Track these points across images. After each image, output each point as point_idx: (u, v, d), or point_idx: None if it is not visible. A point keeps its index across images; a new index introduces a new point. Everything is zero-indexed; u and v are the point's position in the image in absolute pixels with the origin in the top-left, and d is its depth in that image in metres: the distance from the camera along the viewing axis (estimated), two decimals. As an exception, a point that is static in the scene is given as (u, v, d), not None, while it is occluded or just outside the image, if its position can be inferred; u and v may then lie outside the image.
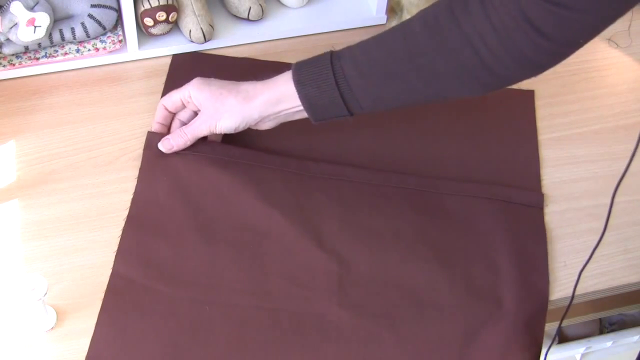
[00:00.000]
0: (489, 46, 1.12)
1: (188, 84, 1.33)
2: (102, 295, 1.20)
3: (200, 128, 1.32)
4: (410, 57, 1.18)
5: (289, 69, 1.27)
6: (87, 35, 1.45)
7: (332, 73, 1.22)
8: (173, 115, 1.37)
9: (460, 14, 1.13)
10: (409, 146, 1.38)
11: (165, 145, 1.34)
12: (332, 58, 1.23)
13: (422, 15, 1.19)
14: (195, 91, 1.31)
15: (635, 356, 1.37)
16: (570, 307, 1.22)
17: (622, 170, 1.18)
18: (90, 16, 1.44)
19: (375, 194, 1.33)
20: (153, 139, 1.36)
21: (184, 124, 1.35)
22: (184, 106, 1.35)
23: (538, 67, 1.15)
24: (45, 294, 1.10)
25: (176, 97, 1.33)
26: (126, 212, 1.29)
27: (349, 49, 1.24)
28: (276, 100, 1.27)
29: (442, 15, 1.15)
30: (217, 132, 1.32)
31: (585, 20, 1.07)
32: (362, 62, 1.21)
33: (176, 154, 1.34)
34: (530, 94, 1.51)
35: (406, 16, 1.54)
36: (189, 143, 1.33)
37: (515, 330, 1.21)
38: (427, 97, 1.22)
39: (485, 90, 1.19)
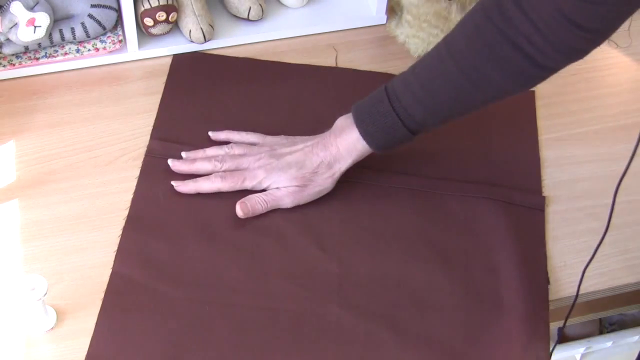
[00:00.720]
0: (536, 45, 1.16)
1: (259, 171, 1.32)
2: (102, 295, 1.20)
3: (284, 202, 1.31)
4: (464, 75, 1.21)
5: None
6: (87, 35, 1.45)
7: (391, 109, 1.25)
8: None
9: (500, 22, 1.17)
10: (409, 146, 1.38)
11: (244, 210, 1.30)
12: (387, 92, 1.26)
13: (462, 30, 1.23)
14: (271, 181, 1.31)
15: (635, 356, 1.37)
16: (574, 306, 1.22)
17: (622, 170, 1.18)
18: (90, 16, 1.44)
19: (375, 194, 1.33)
20: (154, 144, 1.37)
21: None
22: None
23: (582, 52, 1.20)
24: (45, 294, 1.10)
25: (244, 185, 1.32)
26: (126, 212, 1.29)
27: (401, 81, 1.26)
28: (347, 150, 1.30)
29: (483, 26, 1.19)
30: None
31: (615, 10, 1.12)
32: (416, 89, 1.24)
33: (177, 159, 1.35)
34: (530, 94, 1.51)
35: (406, 16, 1.54)
36: (264, 210, 1.31)
37: (516, 331, 1.21)
38: (483, 104, 1.27)
39: (535, 83, 1.25)
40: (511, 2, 1.16)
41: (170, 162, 1.33)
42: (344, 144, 1.29)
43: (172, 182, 1.32)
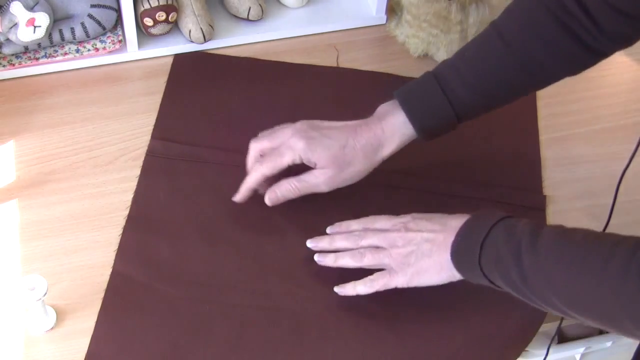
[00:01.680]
0: (587, 29, 1.16)
1: (291, 139, 1.23)
2: (101, 295, 1.20)
3: (320, 188, 1.26)
4: (515, 58, 1.21)
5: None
6: (87, 35, 1.45)
7: (440, 90, 1.23)
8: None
9: (552, 6, 1.18)
10: (410, 147, 1.38)
11: (272, 198, 1.26)
12: (435, 76, 1.24)
13: (512, 14, 1.23)
14: (311, 153, 1.22)
15: (632, 355, 1.37)
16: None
17: (622, 170, 1.18)
18: (90, 16, 1.44)
19: (376, 195, 1.33)
20: (155, 144, 1.37)
21: None
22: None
23: (630, 38, 1.21)
24: (45, 294, 1.10)
25: (284, 161, 1.23)
26: (126, 212, 1.29)
27: (449, 65, 1.25)
28: (392, 133, 1.25)
29: (535, 10, 1.20)
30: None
31: None
32: (465, 72, 1.23)
33: (178, 160, 1.35)
34: (531, 95, 1.51)
35: (406, 16, 1.54)
36: (296, 196, 1.27)
37: (516, 331, 1.21)
38: (532, 88, 1.29)
39: (585, 68, 1.25)
40: None
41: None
42: (389, 127, 1.25)
43: (233, 198, 1.28)
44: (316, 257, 1.24)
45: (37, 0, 1.37)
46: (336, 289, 1.21)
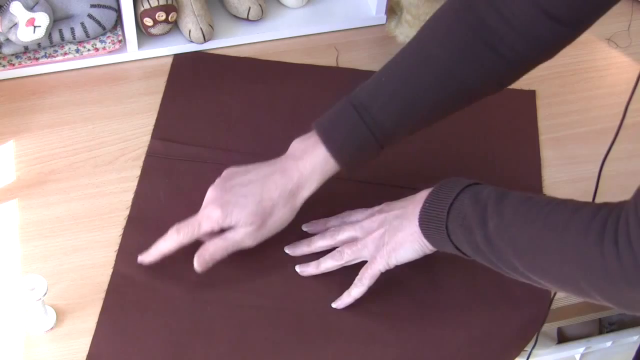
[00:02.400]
0: (508, 43, 1.14)
1: (207, 209, 1.19)
2: (101, 295, 1.20)
3: (246, 243, 1.21)
4: (437, 79, 1.18)
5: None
6: (87, 35, 1.45)
7: (361, 121, 1.18)
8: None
9: (472, 22, 1.15)
10: (410, 147, 1.38)
11: (201, 263, 1.19)
12: (355, 107, 1.19)
13: (431, 33, 1.20)
14: (229, 218, 1.18)
15: (633, 355, 1.37)
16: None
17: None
18: (90, 16, 1.44)
19: (375, 194, 1.33)
20: (155, 144, 1.37)
21: None
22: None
23: (555, 48, 1.19)
24: (45, 294, 1.10)
25: (201, 231, 1.19)
26: (126, 212, 1.29)
27: (367, 92, 1.20)
28: (311, 173, 1.21)
29: (454, 27, 1.17)
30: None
31: (593, 1, 1.11)
32: (386, 99, 1.19)
33: (179, 160, 1.35)
34: (531, 94, 1.51)
35: (406, 16, 1.54)
36: (224, 256, 1.21)
37: (516, 331, 1.21)
38: (457, 107, 1.23)
39: (509, 83, 1.23)
40: (481, 1, 1.15)
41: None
42: (308, 167, 1.20)
43: (138, 258, 1.22)
44: (298, 269, 1.24)
45: (37, 0, 1.37)
46: (334, 305, 1.21)
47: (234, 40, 1.56)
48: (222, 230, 1.19)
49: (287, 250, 1.25)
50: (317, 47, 1.57)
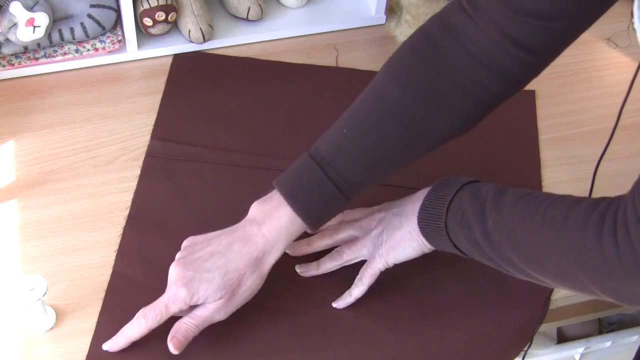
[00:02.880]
0: (477, 80, 1.11)
1: (175, 287, 1.12)
2: (101, 295, 1.20)
3: (216, 318, 1.15)
4: (404, 126, 1.14)
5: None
6: (87, 36, 1.45)
7: (326, 178, 1.13)
8: None
9: (434, 61, 1.12)
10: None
11: (176, 344, 1.12)
12: (317, 162, 1.13)
13: (391, 75, 1.15)
14: (196, 296, 1.12)
15: (633, 355, 1.37)
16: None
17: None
18: (90, 16, 1.44)
19: (374, 193, 1.32)
20: (155, 144, 1.37)
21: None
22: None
23: (522, 82, 1.16)
24: (45, 294, 1.10)
25: (170, 312, 1.13)
26: (125, 212, 1.29)
27: (329, 144, 1.15)
28: (277, 236, 1.14)
29: (415, 67, 1.13)
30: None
31: (565, 28, 1.08)
32: (350, 151, 1.14)
33: (178, 160, 1.35)
34: (531, 94, 1.51)
35: (405, 16, 1.54)
36: (197, 333, 1.14)
37: (515, 331, 1.21)
38: (427, 151, 1.19)
39: (473, 124, 1.19)
40: (444, 37, 1.12)
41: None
42: (273, 231, 1.14)
43: (103, 346, 1.14)
44: (298, 270, 1.24)
45: (37, 0, 1.37)
46: (335, 305, 1.21)
47: (233, 40, 1.56)
48: (191, 307, 1.14)
49: (287, 250, 1.25)
50: (316, 47, 1.57)
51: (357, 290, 1.20)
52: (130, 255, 1.24)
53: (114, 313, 1.18)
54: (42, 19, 1.38)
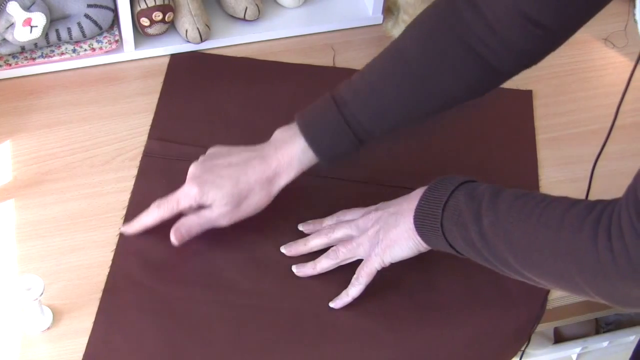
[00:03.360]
0: (491, 48, 1.14)
1: (186, 186, 1.22)
2: (98, 295, 1.20)
3: (220, 222, 1.23)
4: (417, 80, 1.19)
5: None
6: (84, 35, 1.45)
7: (340, 116, 1.21)
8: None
9: (454, 24, 1.16)
10: (406, 146, 1.38)
11: (177, 237, 1.22)
12: (334, 99, 1.22)
13: (414, 33, 1.20)
14: (205, 197, 1.21)
15: (630, 355, 1.37)
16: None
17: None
18: (87, 16, 1.44)
19: (372, 194, 1.33)
20: (152, 144, 1.37)
21: None
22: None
23: (536, 56, 1.19)
24: (42, 294, 1.10)
25: (180, 207, 1.23)
26: (123, 212, 1.29)
27: (349, 87, 1.23)
28: (289, 162, 1.23)
29: (436, 29, 1.17)
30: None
31: (581, 7, 1.11)
32: (366, 96, 1.21)
33: (176, 160, 1.35)
34: (528, 94, 1.51)
35: (403, 16, 1.54)
36: (199, 232, 1.24)
37: (513, 331, 1.21)
38: (434, 111, 1.24)
39: (489, 89, 1.22)
40: (465, 3, 1.15)
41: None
42: (286, 156, 1.23)
43: (121, 229, 1.26)
44: (295, 270, 1.24)
45: (34, 0, 1.37)
46: (332, 304, 1.21)
47: (230, 40, 1.56)
48: (200, 207, 1.22)
49: (283, 250, 1.25)
50: (314, 47, 1.57)
51: (354, 289, 1.20)
52: (128, 255, 1.24)
53: (111, 313, 1.18)
54: (39, 19, 1.38)
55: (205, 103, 1.45)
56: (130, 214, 1.28)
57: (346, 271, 1.22)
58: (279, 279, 1.23)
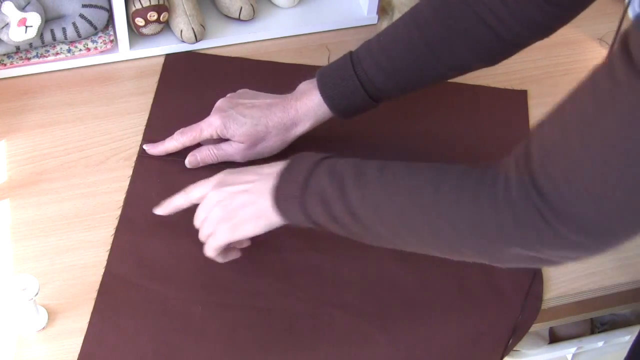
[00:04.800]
0: (501, 19, 1.16)
1: (211, 117, 1.32)
2: (93, 295, 1.20)
3: (235, 158, 1.33)
4: (427, 44, 1.23)
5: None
6: (79, 35, 1.45)
7: (353, 73, 1.26)
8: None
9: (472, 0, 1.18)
10: (402, 146, 1.38)
11: (192, 161, 1.34)
12: (351, 57, 1.28)
13: (430, 3, 1.23)
14: (226, 130, 1.30)
15: (625, 355, 1.37)
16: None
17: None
18: (82, 16, 1.44)
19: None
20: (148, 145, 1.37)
21: None
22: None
23: (548, 29, 1.20)
24: (37, 293, 1.10)
25: (202, 135, 1.33)
26: (117, 212, 1.29)
27: (365, 47, 1.28)
28: (305, 113, 1.31)
29: (451, 1, 1.20)
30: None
31: None
32: (378, 55, 1.26)
33: (171, 160, 1.35)
34: (523, 94, 1.51)
35: (397, 16, 1.54)
36: (213, 162, 1.34)
37: (507, 331, 1.21)
38: (444, 75, 1.29)
39: (498, 59, 1.26)
40: None
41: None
42: (304, 107, 1.30)
43: (144, 146, 1.37)
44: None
45: (29, 0, 1.37)
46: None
47: (225, 40, 1.56)
48: (219, 140, 1.33)
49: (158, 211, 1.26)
50: (308, 47, 1.57)
51: (209, 253, 1.20)
52: (123, 256, 1.24)
53: (106, 313, 1.18)
54: (34, 19, 1.38)
55: (200, 103, 1.45)
56: (126, 215, 1.28)
57: (344, 272, 1.22)
58: (273, 279, 1.23)
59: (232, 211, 1.16)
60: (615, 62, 0.81)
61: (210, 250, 1.19)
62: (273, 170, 1.15)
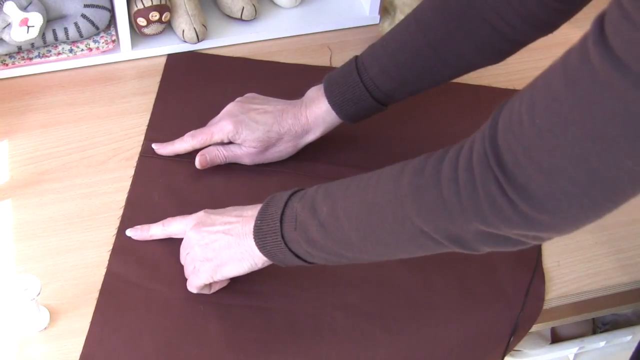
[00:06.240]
0: (504, 18, 1.16)
1: (222, 122, 1.32)
2: (95, 295, 1.20)
3: (244, 161, 1.35)
4: (432, 49, 1.22)
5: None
6: (80, 35, 1.45)
7: (359, 80, 1.27)
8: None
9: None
10: (401, 148, 1.38)
11: (201, 161, 1.34)
12: (356, 64, 1.28)
13: (430, 2, 1.23)
14: (238, 135, 1.31)
15: (629, 356, 1.37)
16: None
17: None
18: (84, 16, 1.44)
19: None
20: (149, 145, 1.37)
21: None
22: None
23: (552, 26, 1.20)
24: (39, 293, 1.10)
25: (213, 139, 1.33)
26: (119, 212, 1.29)
27: (370, 52, 1.28)
28: (315, 121, 1.32)
29: (453, 1, 1.19)
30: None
31: None
32: (384, 61, 1.26)
33: (173, 160, 1.35)
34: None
35: (399, 16, 1.54)
36: (222, 163, 1.35)
37: (509, 330, 1.21)
38: (450, 77, 1.29)
39: (503, 58, 1.25)
40: None
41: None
42: (313, 115, 1.31)
43: (153, 145, 1.37)
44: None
45: (31, 0, 1.37)
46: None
47: (227, 40, 1.56)
48: (230, 143, 1.34)
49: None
50: (310, 47, 1.58)
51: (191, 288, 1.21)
52: (124, 256, 1.24)
53: (107, 313, 1.18)
54: (36, 19, 1.38)
55: (202, 103, 1.45)
56: (127, 215, 1.29)
57: (343, 272, 1.22)
58: (274, 279, 1.23)
59: (213, 251, 1.16)
60: (587, 40, 0.81)
61: (192, 288, 1.19)
62: (252, 212, 1.14)
